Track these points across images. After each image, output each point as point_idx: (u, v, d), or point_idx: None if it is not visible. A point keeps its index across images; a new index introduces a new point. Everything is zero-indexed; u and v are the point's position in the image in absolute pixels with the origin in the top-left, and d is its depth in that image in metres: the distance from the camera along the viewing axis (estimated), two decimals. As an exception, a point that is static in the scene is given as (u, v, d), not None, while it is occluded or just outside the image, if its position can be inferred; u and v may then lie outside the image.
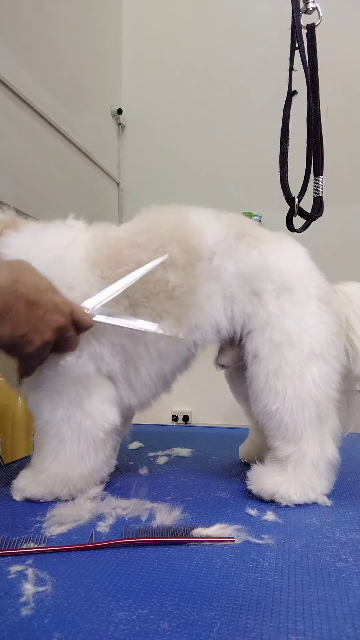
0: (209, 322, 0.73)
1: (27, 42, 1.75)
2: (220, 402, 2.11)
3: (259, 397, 0.73)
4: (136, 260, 0.71)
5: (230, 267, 0.74)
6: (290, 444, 0.72)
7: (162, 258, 0.70)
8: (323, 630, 0.40)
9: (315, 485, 0.71)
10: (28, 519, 0.65)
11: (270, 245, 0.76)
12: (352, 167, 2.23)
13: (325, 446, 0.72)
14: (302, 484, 0.70)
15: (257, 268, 0.74)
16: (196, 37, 2.52)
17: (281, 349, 0.72)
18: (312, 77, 1.01)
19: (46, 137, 1.87)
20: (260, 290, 0.74)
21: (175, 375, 0.80)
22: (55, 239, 0.73)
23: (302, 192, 1.03)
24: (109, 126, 2.57)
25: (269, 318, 0.73)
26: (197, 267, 0.72)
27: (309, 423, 0.71)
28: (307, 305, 0.73)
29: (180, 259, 0.72)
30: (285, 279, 0.74)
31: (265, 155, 1.36)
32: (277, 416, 0.71)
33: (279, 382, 0.71)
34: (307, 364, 0.71)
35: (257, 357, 0.73)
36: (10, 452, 1.37)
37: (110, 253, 0.72)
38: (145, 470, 0.87)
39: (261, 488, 0.71)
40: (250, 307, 0.74)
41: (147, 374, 0.74)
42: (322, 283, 0.77)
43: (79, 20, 2.17)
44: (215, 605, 0.44)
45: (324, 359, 0.72)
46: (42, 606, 0.44)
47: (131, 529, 0.60)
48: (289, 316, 0.72)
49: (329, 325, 0.73)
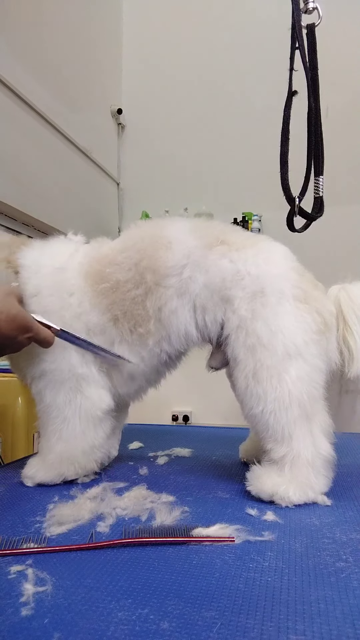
0: (175, 333, 0.78)
1: (27, 42, 1.75)
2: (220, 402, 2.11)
3: (243, 400, 0.75)
4: (114, 279, 0.78)
5: (200, 278, 0.76)
6: (282, 444, 0.72)
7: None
8: (323, 630, 0.40)
9: (314, 484, 0.71)
10: (28, 519, 0.65)
11: (243, 252, 0.77)
12: (352, 167, 2.23)
13: (318, 443, 0.72)
14: (301, 484, 0.71)
15: (226, 276, 0.76)
16: (196, 37, 2.52)
17: (255, 352, 0.73)
18: (312, 77, 1.01)
19: (46, 137, 1.87)
20: (230, 297, 0.75)
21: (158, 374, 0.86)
22: (58, 251, 0.83)
23: (302, 192, 1.03)
24: (109, 126, 2.57)
25: (241, 322, 0.74)
26: (164, 285, 0.77)
27: (294, 423, 0.71)
28: (280, 306, 0.73)
29: (150, 278, 0.77)
30: (256, 283, 0.74)
31: (266, 155, 1.37)
32: (262, 419, 0.73)
33: (259, 386, 0.72)
34: (284, 365, 0.72)
35: (236, 361, 0.75)
36: (10, 452, 1.37)
37: (97, 269, 0.80)
38: (145, 470, 0.87)
39: (260, 489, 0.72)
40: (221, 315, 0.76)
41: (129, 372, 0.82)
42: (301, 283, 0.76)
43: (79, 20, 2.17)
44: (215, 605, 0.44)
45: (303, 359, 0.72)
46: (42, 606, 0.44)
47: (131, 529, 0.60)
48: (259, 319, 0.73)
49: (307, 324, 0.73)
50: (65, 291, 0.79)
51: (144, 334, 0.78)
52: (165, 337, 0.78)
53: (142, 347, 0.79)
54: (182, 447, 1.04)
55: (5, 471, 0.89)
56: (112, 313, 0.78)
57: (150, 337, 0.78)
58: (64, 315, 0.78)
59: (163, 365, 0.83)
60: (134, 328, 0.78)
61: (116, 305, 0.78)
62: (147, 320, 0.78)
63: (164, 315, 0.77)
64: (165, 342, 0.79)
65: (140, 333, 0.78)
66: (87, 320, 0.79)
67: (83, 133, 2.13)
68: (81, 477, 0.81)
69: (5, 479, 0.83)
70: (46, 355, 0.78)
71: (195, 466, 0.92)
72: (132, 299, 0.78)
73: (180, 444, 1.07)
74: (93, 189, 2.34)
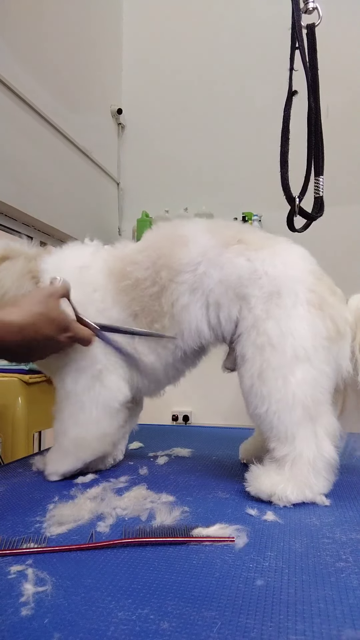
0: (187, 330, 0.79)
1: (28, 42, 1.75)
2: (220, 402, 2.11)
3: (247, 399, 0.76)
4: (134, 277, 0.81)
5: (215, 274, 0.77)
6: (285, 444, 0.73)
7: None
8: (323, 630, 0.40)
9: (313, 484, 0.71)
10: (28, 519, 0.65)
11: (261, 252, 0.77)
12: (352, 167, 2.23)
13: (321, 445, 0.72)
14: (299, 483, 0.71)
15: (243, 274, 0.76)
16: (196, 37, 2.52)
17: (263, 351, 0.73)
18: (312, 76, 1.01)
19: (46, 137, 1.87)
20: (247, 295, 0.76)
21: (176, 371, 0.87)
22: (79, 253, 0.87)
23: (302, 192, 1.03)
24: (109, 126, 2.57)
25: (255, 322, 0.75)
26: (176, 281, 0.78)
27: (298, 424, 0.72)
28: (293, 309, 0.73)
29: (165, 275, 0.79)
30: (273, 284, 0.75)
31: (266, 155, 1.37)
32: (266, 419, 0.73)
33: (264, 386, 0.73)
34: (291, 367, 0.72)
35: (244, 359, 0.75)
36: (10, 452, 1.37)
37: (120, 267, 0.83)
38: (145, 470, 0.87)
39: (259, 489, 0.72)
40: (236, 312, 0.77)
41: (150, 367, 0.84)
42: (318, 287, 0.76)
43: (79, 20, 2.17)
44: (215, 605, 0.44)
45: (310, 363, 0.72)
46: (42, 606, 0.44)
47: (131, 529, 0.60)
48: (272, 319, 0.73)
49: (318, 330, 0.73)
50: (89, 286, 0.81)
51: (159, 329, 0.80)
52: (178, 333, 0.80)
53: (158, 342, 0.81)
54: (182, 447, 1.04)
55: (5, 471, 0.89)
56: (132, 309, 0.81)
57: (165, 333, 0.80)
58: (87, 309, 0.80)
59: (179, 361, 0.84)
60: (151, 324, 0.80)
61: (135, 301, 0.81)
62: (163, 316, 0.79)
63: (176, 310, 0.79)
64: (179, 339, 0.80)
65: (156, 329, 0.80)
66: (109, 316, 0.81)
67: (83, 133, 2.13)
68: (98, 459, 0.86)
69: (5, 479, 0.83)
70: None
71: (195, 466, 0.92)
72: (150, 296, 0.80)
73: (180, 444, 1.07)
74: (93, 189, 2.34)
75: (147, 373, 0.84)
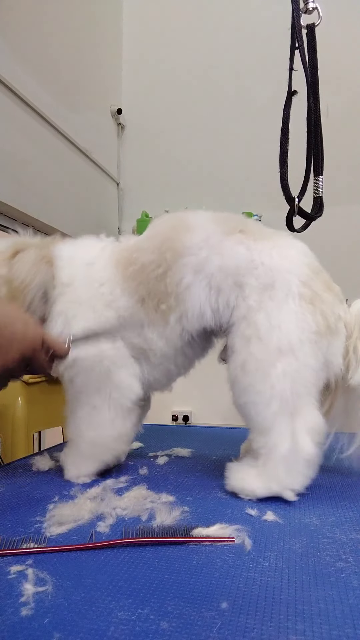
0: (191, 310, 0.80)
1: (28, 42, 1.75)
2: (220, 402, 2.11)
3: (231, 390, 0.77)
4: (140, 262, 0.81)
5: (216, 260, 0.78)
6: (261, 435, 0.74)
7: None
8: (323, 630, 0.40)
9: (282, 479, 0.71)
10: (28, 519, 0.65)
11: (261, 242, 0.78)
12: (352, 167, 2.23)
13: (298, 441, 0.72)
14: (267, 477, 0.72)
15: (241, 262, 0.77)
16: (196, 37, 2.52)
17: (250, 343, 0.74)
18: (312, 76, 1.01)
19: (46, 137, 1.87)
20: (243, 284, 0.77)
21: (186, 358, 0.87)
22: (90, 247, 0.88)
23: (302, 192, 1.03)
24: (109, 126, 2.57)
25: (247, 312, 0.75)
26: (181, 262, 0.79)
27: (274, 417, 0.72)
28: (284, 302, 0.74)
29: (169, 257, 0.80)
30: (269, 275, 0.75)
31: (265, 155, 1.36)
32: (245, 409, 0.75)
33: (244, 377, 0.74)
34: (272, 360, 0.72)
35: (232, 351, 0.77)
36: (10, 452, 1.37)
37: (126, 255, 0.84)
38: (145, 470, 0.87)
39: (232, 485, 0.74)
40: (233, 300, 0.78)
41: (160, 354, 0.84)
42: (312, 282, 0.76)
43: (79, 20, 2.17)
44: (215, 605, 0.44)
45: (294, 356, 0.72)
46: (42, 606, 0.44)
47: (131, 529, 0.60)
48: (263, 311, 0.74)
49: (306, 324, 0.73)
50: (96, 281, 0.82)
51: (165, 310, 0.80)
52: (183, 313, 0.80)
53: (165, 325, 0.81)
54: (182, 447, 1.04)
55: (5, 471, 0.89)
56: (139, 294, 0.81)
57: (171, 313, 0.80)
58: (95, 305, 0.81)
59: (187, 346, 0.84)
60: (157, 306, 0.81)
61: (142, 285, 0.81)
62: (168, 297, 0.80)
63: (181, 289, 0.79)
64: (185, 319, 0.80)
65: (162, 310, 0.80)
66: (117, 306, 0.81)
67: (83, 133, 2.13)
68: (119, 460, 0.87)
69: (5, 479, 0.83)
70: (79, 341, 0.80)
71: (195, 466, 0.92)
72: (155, 277, 0.80)
73: (180, 444, 1.07)
74: (93, 189, 2.33)
75: (157, 362, 0.84)
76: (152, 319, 0.81)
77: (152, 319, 0.81)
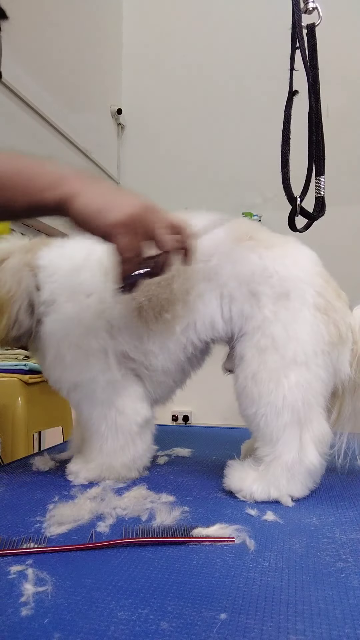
0: (201, 320, 0.77)
1: (28, 42, 1.75)
2: (220, 402, 2.11)
3: (239, 399, 0.76)
4: None
5: (228, 268, 0.76)
6: (268, 446, 0.73)
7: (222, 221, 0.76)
8: (323, 630, 0.40)
9: (282, 485, 0.71)
10: (28, 519, 0.65)
11: (272, 250, 0.77)
12: (353, 167, 2.23)
13: (304, 452, 0.72)
14: (266, 482, 0.71)
15: (255, 271, 0.75)
16: (196, 37, 2.52)
17: (264, 354, 0.73)
18: (312, 76, 1.01)
19: (46, 137, 1.87)
20: (258, 293, 0.75)
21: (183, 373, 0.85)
22: (75, 252, 0.83)
23: (303, 192, 1.03)
24: (109, 126, 2.57)
25: (262, 323, 0.74)
26: (191, 270, 0.76)
27: (284, 428, 0.72)
28: (300, 312, 0.73)
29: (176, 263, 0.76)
30: (283, 285, 0.74)
31: (266, 155, 1.37)
32: (254, 420, 0.74)
33: (255, 388, 0.73)
34: (286, 370, 0.72)
35: (242, 360, 0.75)
36: (10, 452, 1.37)
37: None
38: (145, 471, 0.87)
39: (230, 483, 0.74)
40: (248, 309, 0.75)
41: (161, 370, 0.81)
42: (325, 291, 0.75)
43: (79, 21, 2.17)
44: (215, 605, 0.44)
45: (306, 367, 0.72)
46: (42, 606, 0.44)
47: (131, 529, 0.60)
48: (280, 322, 0.73)
49: (321, 336, 0.73)
50: (82, 294, 0.79)
51: (170, 319, 0.77)
52: (191, 323, 0.77)
53: (169, 335, 0.77)
54: (182, 447, 1.04)
55: (5, 471, 0.89)
56: (136, 301, 0.77)
57: (177, 322, 0.77)
58: (83, 318, 0.78)
59: (187, 362, 0.82)
60: (159, 314, 0.77)
61: (141, 292, 0.77)
62: (174, 304, 0.76)
63: (191, 298, 0.76)
64: (192, 330, 0.77)
65: (166, 319, 0.77)
66: (110, 316, 0.78)
67: (83, 133, 2.13)
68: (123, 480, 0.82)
69: (5, 479, 0.83)
70: (74, 365, 0.78)
71: (195, 466, 0.92)
72: (158, 283, 0.76)
73: (180, 444, 1.07)
74: (93, 189, 2.33)
75: (159, 379, 0.82)
76: (153, 330, 0.77)
77: (153, 330, 0.77)
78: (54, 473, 0.87)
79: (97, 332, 0.78)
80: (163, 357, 0.79)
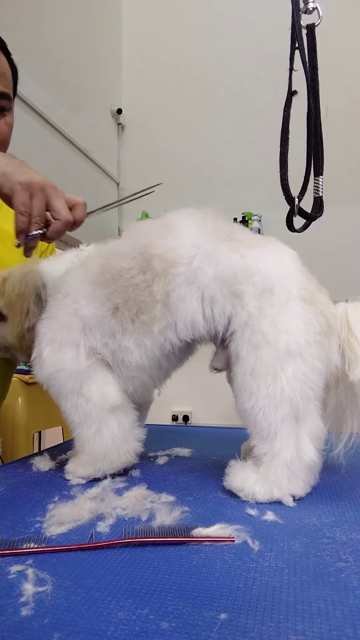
0: (182, 321, 0.77)
1: (28, 42, 1.75)
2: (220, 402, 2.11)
3: (237, 395, 0.76)
4: (117, 267, 0.80)
5: (210, 270, 0.76)
6: (265, 442, 0.73)
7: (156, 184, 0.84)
8: (323, 630, 0.40)
9: (284, 485, 0.71)
10: (28, 519, 0.65)
11: (253, 250, 0.78)
12: (352, 167, 2.23)
13: (302, 447, 0.72)
14: (269, 483, 0.71)
15: (237, 271, 0.76)
16: (196, 37, 2.52)
17: (258, 349, 0.73)
18: (312, 77, 1.01)
19: (46, 137, 1.87)
20: (240, 292, 0.75)
21: (161, 370, 0.84)
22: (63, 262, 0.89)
23: (302, 192, 1.02)
24: (109, 126, 2.57)
25: (249, 319, 0.74)
26: (172, 272, 0.77)
27: (282, 422, 0.72)
28: (287, 306, 0.74)
29: (158, 264, 0.77)
30: (266, 282, 0.75)
31: (265, 155, 1.37)
32: (251, 414, 0.73)
33: (253, 381, 0.73)
34: (282, 363, 0.72)
35: (238, 358, 0.75)
36: (10, 452, 1.37)
37: (99, 262, 0.83)
38: (145, 470, 0.87)
39: (231, 483, 0.74)
40: (230, 308, 0.76)
41: (135, 365, 0.81)
42: (308, 285, 0.76)
43: (79, 21, 2.17)
44: (215, 605, 0.44)
45: (302, 359, 0.72)
46: (42, 606, 0.44)
47: (131, 529, 0.60)
48: (267, 317, 0.73)
49: (312, 326, 0.73)
50: (61, 294, 0.83)
51: (147, 321, 0.77)
52: (171, 324, 0.77)
53: (146, 334, 0.78)
54: (182, 447, 1.04)
55: (5, 471, 0.89)
56: (112, 302, 0.79)
57: (156, 323, 0.77)
58: (58, 316, 0.81)
59: (165, 358, 0.82)
60: (136, 316, 0.78)
61: (117, 293, 0.78)
62: (153, 306, 0.77)
63: (172, 300, 0.76)
64: (171, 330, 0.78)
65: (143, 321, 0.77)
66: (83, 315, 0.80)
67: (83, 133, 2.13)
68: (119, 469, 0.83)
69: (5, 479, 0.83)
70: (49, 358, 0.81)
71: (195, 466, 0.92)
72: (136, 285, 0.78)
73: (180, 444, 1.07)
74: (93, 189, 2.34)
75: (131, 375, 0.82)
76: (128, 329, 0.79)
77: (128, 329, 0.79)
78: (54, 473, 0.87)
79: (70, 328, 0.80)
80: (139, 352, 0.80)
